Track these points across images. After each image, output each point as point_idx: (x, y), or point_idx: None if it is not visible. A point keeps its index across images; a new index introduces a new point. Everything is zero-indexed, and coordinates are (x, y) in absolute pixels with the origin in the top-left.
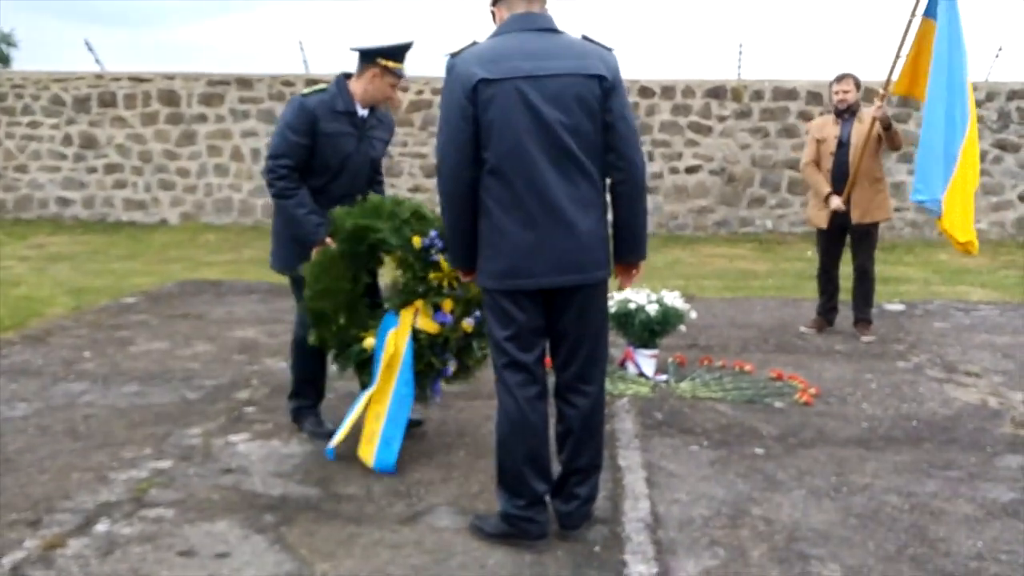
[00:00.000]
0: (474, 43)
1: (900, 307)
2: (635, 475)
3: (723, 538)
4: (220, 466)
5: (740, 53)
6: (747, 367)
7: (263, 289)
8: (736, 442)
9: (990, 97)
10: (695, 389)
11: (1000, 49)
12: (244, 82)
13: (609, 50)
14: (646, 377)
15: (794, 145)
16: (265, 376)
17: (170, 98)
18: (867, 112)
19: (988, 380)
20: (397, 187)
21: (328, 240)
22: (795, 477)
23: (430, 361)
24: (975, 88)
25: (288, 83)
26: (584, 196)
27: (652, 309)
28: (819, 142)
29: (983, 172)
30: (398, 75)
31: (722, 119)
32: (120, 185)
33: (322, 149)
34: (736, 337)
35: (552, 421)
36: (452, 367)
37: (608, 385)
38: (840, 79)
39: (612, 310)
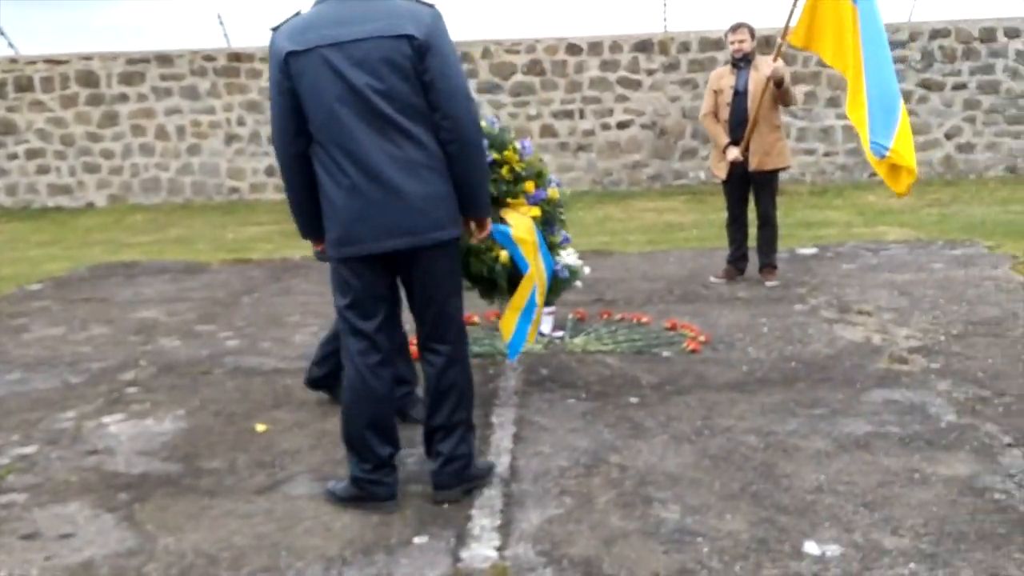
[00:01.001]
0: (296, 15)
1: (812, 250)
2: (504, 431)
3: (574, 487)
4: (86, 448)
5: (665, 5)
6: (644, 319)
7: (177, 268)
8: (615, 393)
9: (913, 37)
10: (587, 343)
11: None
12: (164, 59)
13: (430, 7)
14: (541, 334)
15: None
16: (155, 356)
17: (89, 79)
18: (763, 60)
19: (878, 318)
20: None
21: None
22: (662, 424)
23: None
24: (897, 29)
25: (209, 58)
26: (410, 158)
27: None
28: (716, 93)
29: (909, 113)
30: None
31: (651, 73)
32: (43, 170)
33: None
34: (643, 290)
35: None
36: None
37: (500, 344)
38: (735, 28)
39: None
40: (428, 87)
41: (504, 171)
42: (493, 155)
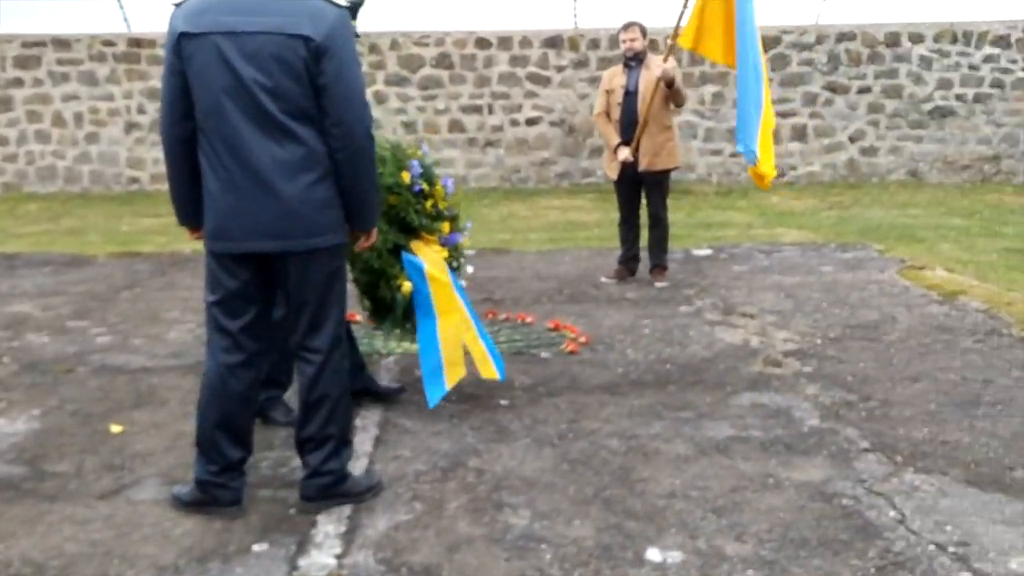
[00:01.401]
0: None
1: (707, 252)
2: (366, 434)
3: (427, 492)
4: None
5: (575, 1)
6: (529, 319)
7: (61, 261)
8: (486, 395)
9: (819, 40)
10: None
11: None
12: (61, 43)
13: (337, 8)
14: None
15: None
16: (20, 353)
17: None
18: (655, 60)
19: (760, 321)
20: None
21: None
22: (528, 427)
23: None
24: (804, 31)
25: (109, 43)
26: (292, 160)
27: None
28: (608, 92)
29: (814, 115)
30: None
31: (560, 69)
32: None
33: None
34: (534, 289)
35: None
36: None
37: (378, 343)
38: (626, 27)
39: None
40: (321, 91)
41: (428, 204)
42: (423, 185)
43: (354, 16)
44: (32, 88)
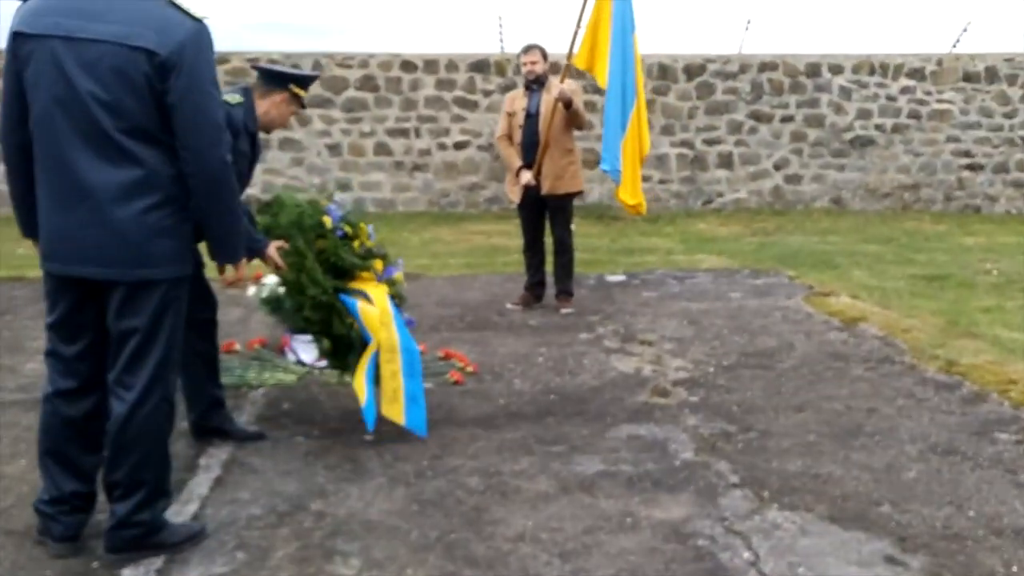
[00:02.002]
0: None
1: (620, 278)
2: (208, 474)
3: (254, 540)
4: None
5: (500, 26)
6: (420, 347)
7: None
8: (350, 430)
9: (743, 69)
10: (345, 375)
11: (749, 22)
12: None
13: (195, 21)
14: (302, 364)
15: None
16: None
17: None
18: (555, 83)
19: (658, 348)
20: None
21: (277, 242)
22: (387, 464)
23: None
24: (728, 60)
25: None
26: (126, 183)
27: None
28: (510, 115)
29: (740, 143)
30: (302, 105)
31: (487, 93)
32: None
33: None
34: (436, 316)
35: None
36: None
37: (251, 374)
38: (527, 50)
39: (263, 295)
40: (170, 110)
41: (356, 245)
42: (346, 228)
43: (303, 86)
44: None
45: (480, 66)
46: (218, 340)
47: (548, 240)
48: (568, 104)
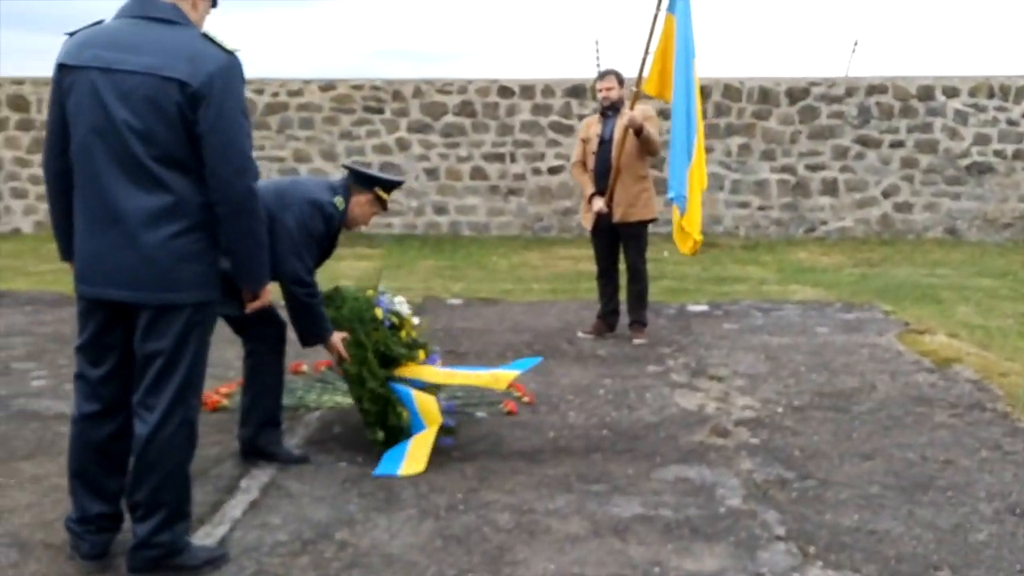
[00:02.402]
0: (97, 23)
1: (703, 308)
2: (246, 496)
3: (274, 567)
4: None
5: (597, 51)
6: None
7: (46, 300)
8: None
9: (850, 92)
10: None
11: (856, 43)
12: None
13: (227, 53)
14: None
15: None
16: None
17: (19, 103)
18: (626, 109)
19: (728, 384)
20: None
21: (342, 334)
22: (421, 495)
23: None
24: (833, 83)
25: None
26: (157, 208)
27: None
28: (584, 141)
29: (845, 169)
30: (384, 207)
31: (583, 118)
32: None
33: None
34: (504, 342)
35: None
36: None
37: (311, 396)
38: (603, 76)
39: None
40: (199, 140)
41: (403, 335)
42: (393, 319)
43: (388, 190)
44: None
45: (576, 91)
46: (285, 360)
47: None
48: (639, 131)
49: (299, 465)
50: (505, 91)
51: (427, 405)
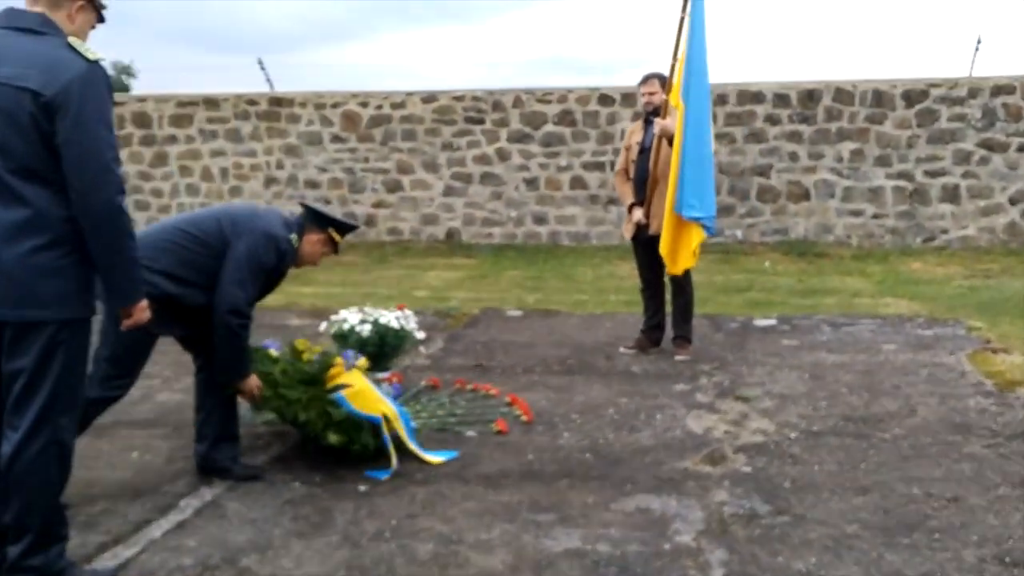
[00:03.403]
0: None
1: (769, 322)
2: (177, 516)
3: None
4: None
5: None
6: (493, 391)
7: None
8: (352, 478)
9: (973, 94)
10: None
11: (979, 41)
12: (211, 102)
13: (87, 62)
14: None
15: (762, 150)
16: None
17: (142, 120)
18: (658, 119)
19: (752, 406)
20: (361, 202)
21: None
22: (355, 520)
23: None
24: (956, 84)
25: (252, 102)
26: (14, 222)
27: (365, 330)
28: (627, 149)
29: (968, 175)
30: (336, 250)
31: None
32: None
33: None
34: (536, 357)
35: None
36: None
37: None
38: (645, 80)
39: (332, 330)
40: (58, 151)
41: (305, 357)
42: (286, 351)
43: (341, 232)
44: (184, 144)
45: None
46: None
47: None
48: (672, 139)
49: (250, 483)
50: (605, 99)
51: (360, 398)
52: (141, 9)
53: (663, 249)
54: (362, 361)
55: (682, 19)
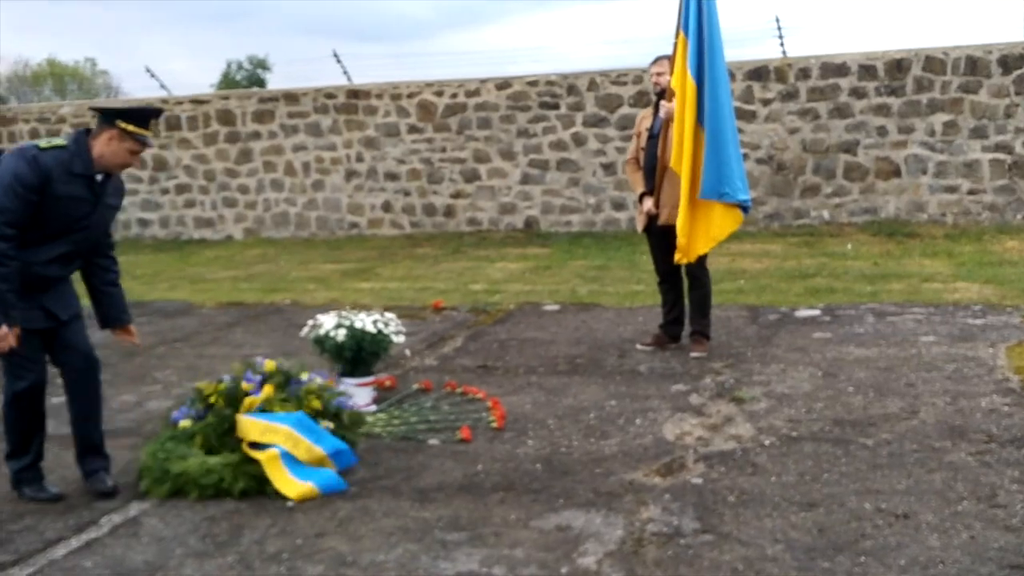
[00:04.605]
0: None
1: (812, 313)
2: (91, 533)
3: None
4: None
5: (779, 28)
6: (480, 394)
7: (172, 310)
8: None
9: None
10: (374, 423)
11: None
12: (291, 97)
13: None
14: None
15: (847, 126)
16: None
17: (227, 117)
18: (664, 102)
19: (743, 408)
20: (439, 193)
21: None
22: (263, 539)
23: None
24: None
25: (331, 95)
26: None
27: (340, 335)
28: (637, 136)
29: None
30: (140, 141)
31: (766, 102)
32: (190, 204)
33: (49, 211)
34: (548, 355)
35: None
36: None
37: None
38: (655, 61)
39: (312, 335)
40: None
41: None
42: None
43: (145, 124)
44: (268, 140)
45: (759, 73)
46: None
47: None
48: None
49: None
50: None
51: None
52: None
53: (681, 238)
54: (267, 388)
55: None
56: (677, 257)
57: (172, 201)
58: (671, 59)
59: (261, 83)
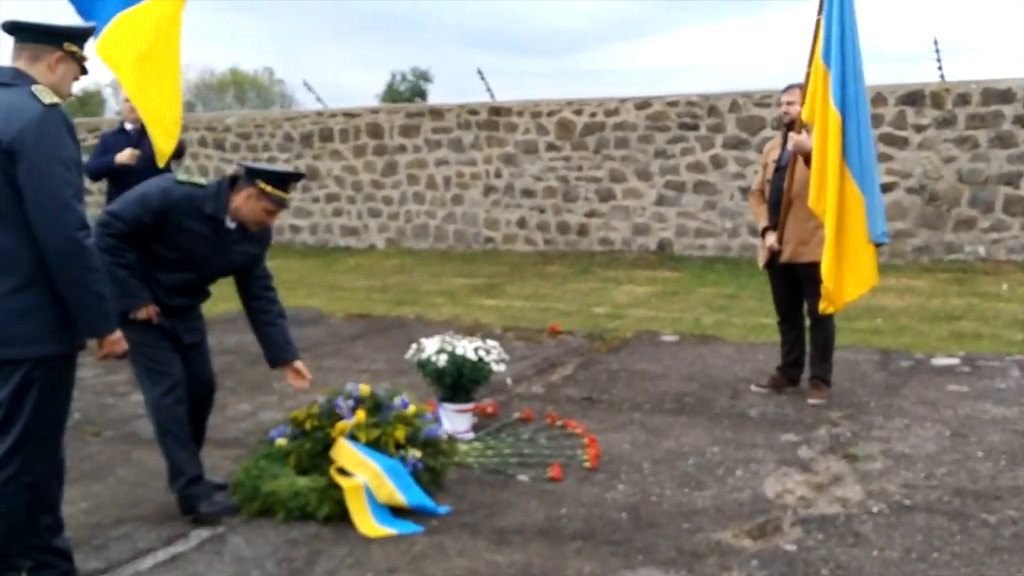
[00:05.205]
0: None
1: (951, 362)
2: (179, 547)
3: None
4: None
5: (937, 51)
6: (578, 429)
7: (304, 318)
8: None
9: None
10: (469, 452)
11: None
12: (436, 113)
13: (43, 106)
14: (448, 436)
15: (1010, 156)
16: (91, 410)
17: (376, 131)
18: (792, 133)
19: (855, 468)
20: (574, 211)
21: (149, 309)
22: (339, 568)
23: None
24: None
25: (474, 111)
26: None
27: (441, 360)
28: (764, 167)
29: None
30: (277, 202)
31: (920, 129)
32: (337, 213)
33: (169, 238)
34: (656, 391)
35: None
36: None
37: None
38: (787, 89)
39: (415, 359)
40: (21, 193)
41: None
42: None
43: (285, 187)
44: (412, 154)
45: (913, 98)
46: (204, 412)
47: None
48: (808, 158)
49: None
50: None
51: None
52: (441, 11)
53: (828, 284)
54: (359, 413)
55: (817, 22)
56: (823, 307)
57: (322, 209)
58: (803, 88)
59: (423, 94)
